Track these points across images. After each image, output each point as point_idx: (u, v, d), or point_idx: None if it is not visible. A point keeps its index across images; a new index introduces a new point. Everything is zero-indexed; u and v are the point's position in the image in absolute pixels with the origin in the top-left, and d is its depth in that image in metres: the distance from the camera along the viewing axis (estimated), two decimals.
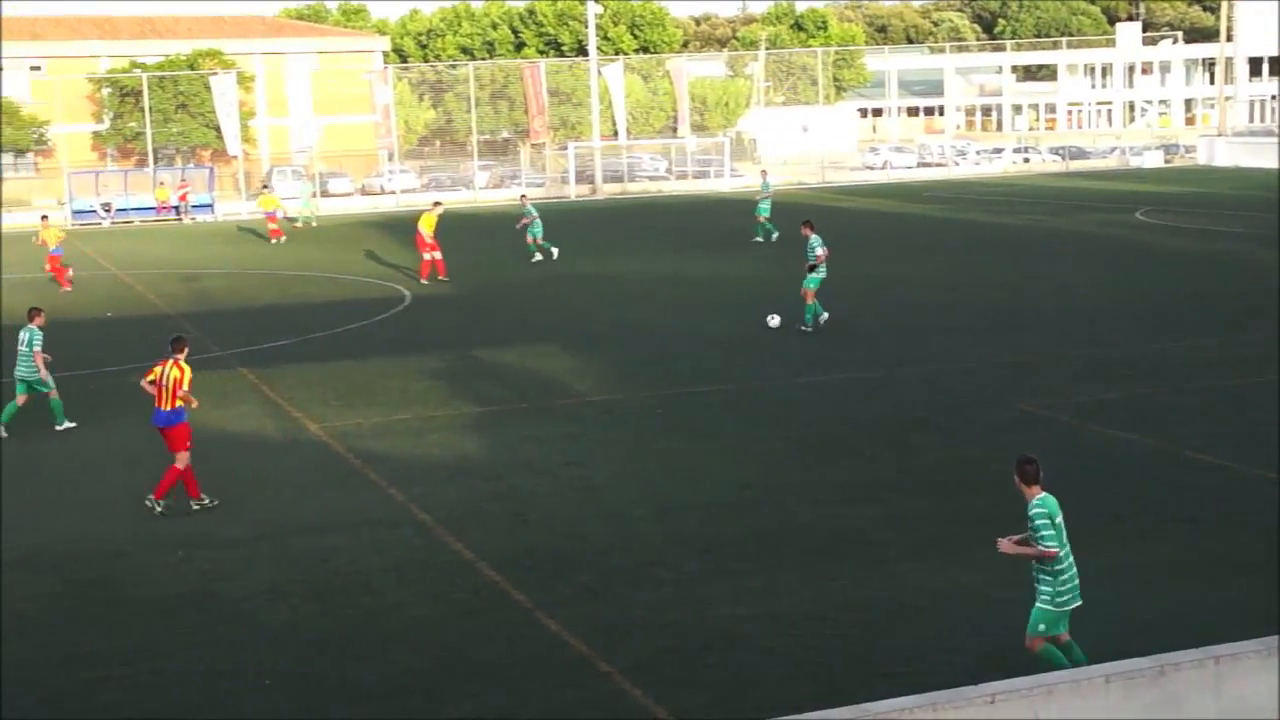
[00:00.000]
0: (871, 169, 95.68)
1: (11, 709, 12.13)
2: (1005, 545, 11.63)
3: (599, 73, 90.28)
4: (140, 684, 12.56)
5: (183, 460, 17.98)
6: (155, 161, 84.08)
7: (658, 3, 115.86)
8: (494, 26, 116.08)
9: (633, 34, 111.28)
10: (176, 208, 74.78)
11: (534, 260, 44.85)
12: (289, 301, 38.40)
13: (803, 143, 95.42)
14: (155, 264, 49.80)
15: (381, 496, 18.43)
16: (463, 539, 16.37)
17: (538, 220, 45.84)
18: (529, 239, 45.73)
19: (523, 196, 51.34)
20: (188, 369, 18.12)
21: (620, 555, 15.73)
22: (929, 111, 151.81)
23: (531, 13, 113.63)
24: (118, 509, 18.29)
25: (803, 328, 29.44)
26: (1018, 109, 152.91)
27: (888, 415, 22.27)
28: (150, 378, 18.21)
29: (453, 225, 64.12)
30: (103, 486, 19.57)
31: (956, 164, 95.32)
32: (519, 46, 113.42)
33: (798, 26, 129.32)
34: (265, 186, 64.72)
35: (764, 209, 49.90)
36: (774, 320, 30.10)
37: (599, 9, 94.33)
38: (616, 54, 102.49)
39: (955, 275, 38.70)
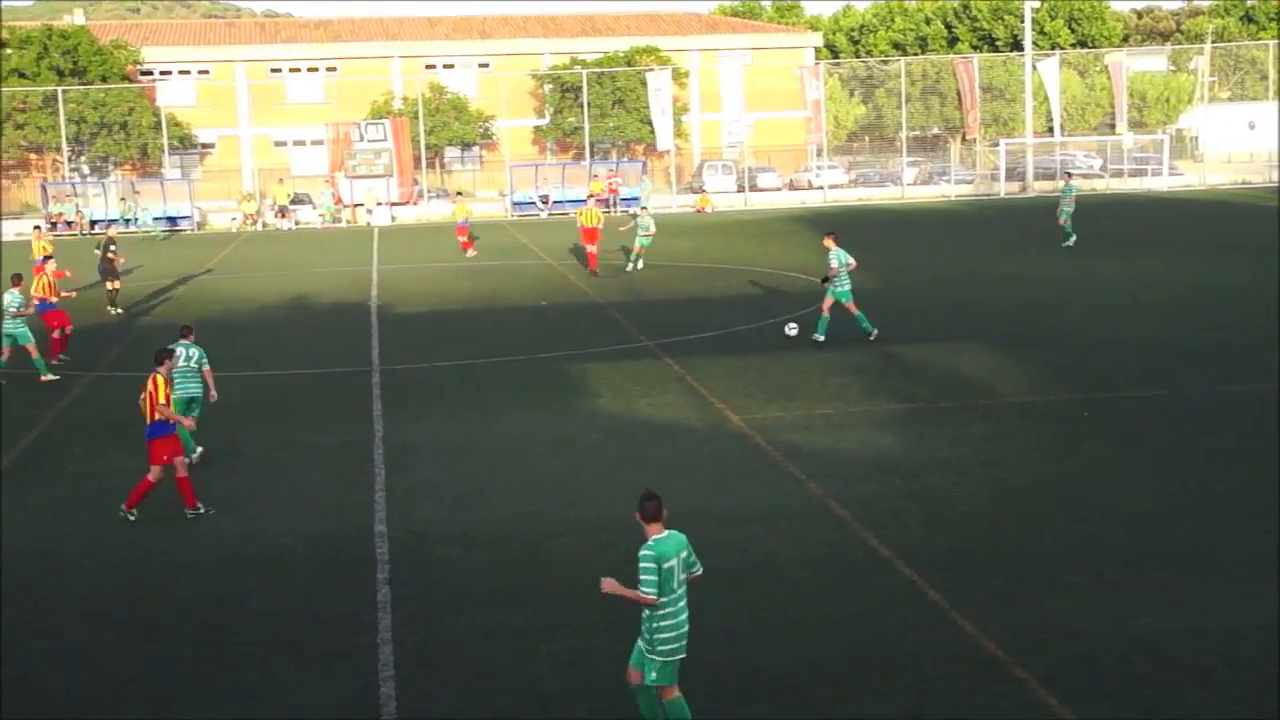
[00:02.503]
0: None
1: (443, 679, 12.76)
2: (607, 585, 10.78)
3: (1034, 68, 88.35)
4: (560, 661, 12.98)
5: (154, 474, 18.03)
6: (591, 155, 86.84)
7: None
8: (927, 22, 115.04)
9: (1070, 28, 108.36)
10: (607, 200, 77.15)
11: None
12: (714, 294, 39.01)
13: (1249, 140, 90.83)
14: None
15: (800, 490, 18.53)
16: (879, 535, 16.31)
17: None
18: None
19: (643, 209, 48.98)
20: (162, 383, 18.09)
21: (1037, 559, 15.36)
22: None
23: (966, 7, 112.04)
24: (547, 490, 18.96)
25: (816, 337, 29.41)
26: None
27: None
28: (143, 394, 18.30)
29: (879, 221, 64.01)
30: (536, 467, 20.32)
31: None
32: (952, 42, 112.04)
33: (1248, 19, 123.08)
34: (459, 194, 65.68)
35: (1065, 212, 48.07)
36: (791, 329, 29.96)
37: (1036, 3, 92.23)
38: (1052, 48, 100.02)
39: None
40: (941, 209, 71.92)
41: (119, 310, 39.03)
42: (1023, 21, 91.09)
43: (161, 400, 17.98)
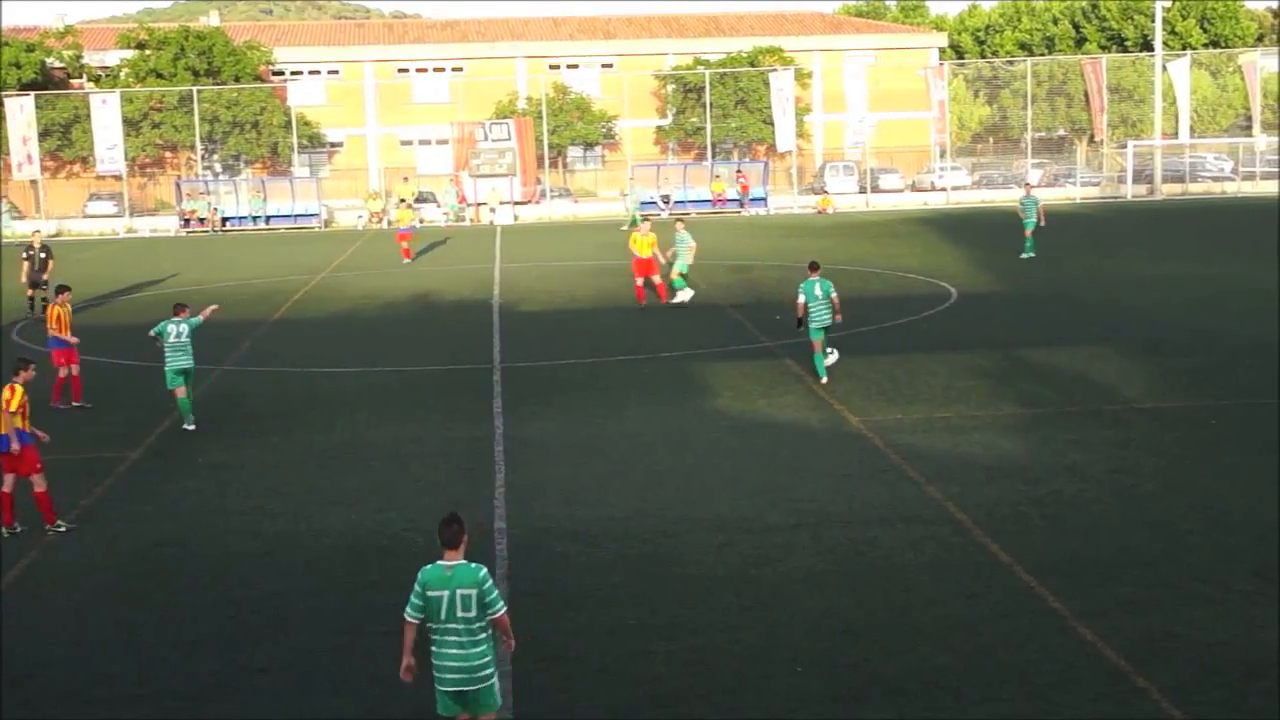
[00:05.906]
0: None
1: (562, 675, 12.87)
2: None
3: (1163, 68, 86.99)
4: (678, 660, 13.02)
5: (8, 483, 17.57)
6: (713, 156, 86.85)
7: None
8: (1055, 21, 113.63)
9: (1202, 28, 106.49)
10: (739, 200, 77.30)
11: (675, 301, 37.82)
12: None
13: None
14: (708, 255, 51.33)
15: (919, 493, 18.42)
16: (999, 540, 16.17)
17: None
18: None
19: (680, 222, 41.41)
20: (19, 392, 17.63)
21: (1166, 568, 15.14)
22: None
23: (1094, 7, 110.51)
24: (667, 489, 19.02)
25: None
26: None
27: None
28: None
29: (1003, 224, 63.35)
30: (656, 466, 20.38)
31: None
32: (1080, 42, 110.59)
33: None
34: (402, 201, 64.46)
35: (1029, 223, 47.04)
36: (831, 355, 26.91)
37: (1167, 3, 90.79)
38: (1183, 49, 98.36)
39: None
40: (1066, 211, 70.93)
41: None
42: (1153, 21, 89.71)
43: (13, 410, 17.46)
